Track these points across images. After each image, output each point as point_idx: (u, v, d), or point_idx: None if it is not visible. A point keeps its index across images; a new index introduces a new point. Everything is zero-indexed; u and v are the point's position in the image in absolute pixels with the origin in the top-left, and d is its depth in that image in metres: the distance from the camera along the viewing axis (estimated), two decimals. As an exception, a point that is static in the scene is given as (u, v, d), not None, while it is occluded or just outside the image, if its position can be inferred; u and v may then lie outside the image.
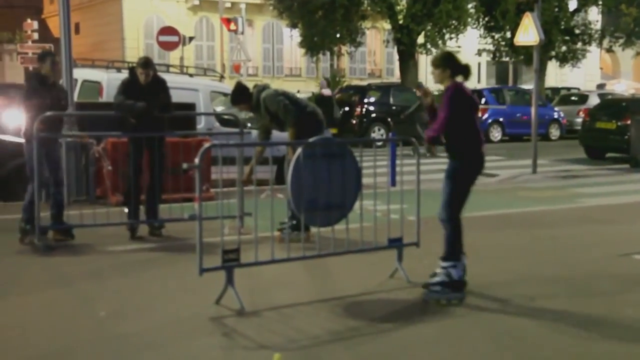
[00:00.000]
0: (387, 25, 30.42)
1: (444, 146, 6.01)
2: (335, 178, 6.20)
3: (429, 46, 28.30)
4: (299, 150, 6.13)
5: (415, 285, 6.33)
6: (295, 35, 31.99)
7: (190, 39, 27.44)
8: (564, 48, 31.69)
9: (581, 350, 4.91)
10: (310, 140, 6.36)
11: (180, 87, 11.42)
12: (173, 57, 26.49)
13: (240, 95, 8.12)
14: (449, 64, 5.94)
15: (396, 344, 5.02)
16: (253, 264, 6.01)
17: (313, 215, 6.12)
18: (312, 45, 29.13)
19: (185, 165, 6.06)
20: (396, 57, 31.21)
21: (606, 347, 4.95)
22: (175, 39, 23.78)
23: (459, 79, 5.99)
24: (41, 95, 7.84)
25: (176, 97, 8.92)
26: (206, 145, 6.15)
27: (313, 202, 6.07)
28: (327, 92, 23.01)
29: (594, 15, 34.34)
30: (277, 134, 13.29)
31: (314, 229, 6.31)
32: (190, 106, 11.14)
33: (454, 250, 5.98)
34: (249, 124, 12.23)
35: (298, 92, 29.56)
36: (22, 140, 7.98)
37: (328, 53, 31.28)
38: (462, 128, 5.89)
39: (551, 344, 5.05)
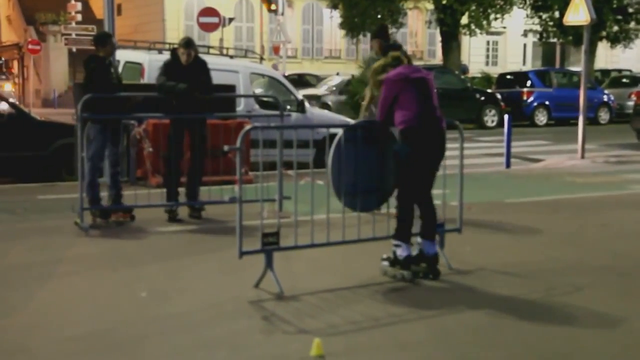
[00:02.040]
0: (430, 6, 30.04)
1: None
2: (375, 162, 6.09)
3: (473, 27, 27.87)
4: (341, 132, 6.02)
5: (457, 271, 6.20)
6: (336, 16, 31.77)
7: (230, 20, 27.39)
8: (615, 28, 30.88)
9: (629, 342, 4.74)
10: (353, 123, 6.26)
11: (220, 68, 11.35)
12: (213, 38, 26.50)
13: (383, 31, 8.60)
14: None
15: (437, 330, 4.90)
16: (292, 247, 5.95)
17: (353, 199, 6.02)
18: (353, 27, 28.90)
19: (226, 148, 5.99)
20: (438, 38, 30.85)
21: (657, 339, 4.78)
22: (215, 20, 23.73)
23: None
24: (104, 77, 7.93)
25: (216, 78, 8.86)
26: (247, 127, 6.07)
27: (353, 186, 5.96)
28: None
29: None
30: (318, 116, 13.21)
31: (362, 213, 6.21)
32: (231, 88, 11.08)
33: (400, 230, 5.94)
34: (288, 107, 12.15)
35: (337, 74, 29.42)
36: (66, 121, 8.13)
37: (369, 35, 31.00)
38: (399, 109, 5.85)
39: (597, 336, 4.88)
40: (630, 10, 30.76)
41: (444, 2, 27.05)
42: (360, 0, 27.42)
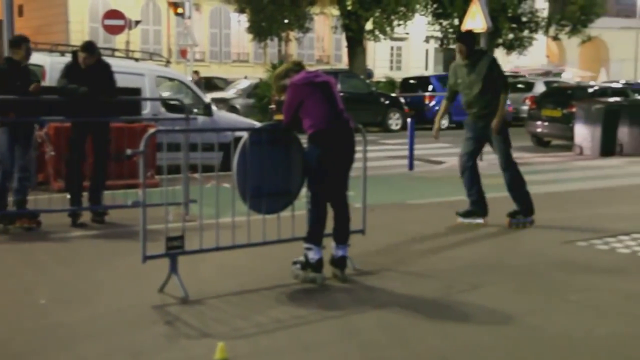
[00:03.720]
0: (336, 12, 30.40)
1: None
2: (281, 164, 6.16)
3: (377, 33, 28.35)
4: (246, 136, 6.06)
5: (361, 272, 6.33)
6: (243, 20, 31.76)
7: (137, 22, 27.01)
8: (510, 35, 32.06)
9: (522, 337, 4.95)
10: (258, 126, 6.31)
11: (125, 71, 11.21)
12: (119, 41, 26.06)
13: (471, 38, 8.51)
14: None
15: (341, 330, 5.00)
16: (198, 251, 5.95)
17: (258, 202, 6.07)
18: (260, 31, 28.97)
19: (129, 151, 5.96)
20: (344, 43, 31.22)
21: (551, 333, 5.00)
22: (120, 22, 23.35)
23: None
24: (14, 81, 7.79)
25: (121, 81, 8.75)
26: (151, 130, 6.05)
27: (258, 189, 6.01)
28: None
29: (541, 3, 34.80)
30: (225, 119, 13.18)
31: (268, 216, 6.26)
32: (136, 91, 10.95)
33: (311, 233, 6.05)
34: (194, 110, 12.11)
35: (245, 77, 29.43)
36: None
37: (276, 39, 31.14)
38: (307, 114, 5.97)
39: (492, 332, 5.08)
40: (524, 19, 31.95)
41: (349, 8, 27.42)
42: (267, 5, 27.51)
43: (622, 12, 58.30)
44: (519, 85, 29.64)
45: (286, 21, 28.53)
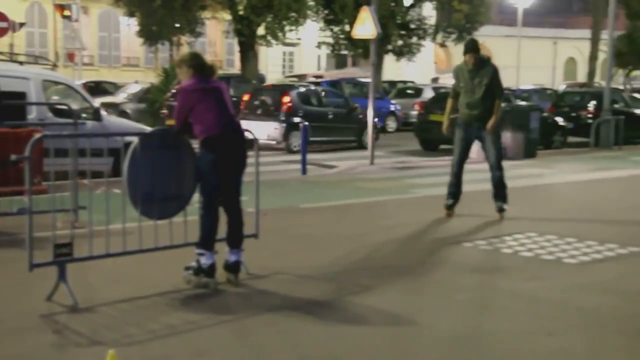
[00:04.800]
0: (228, 16, 30.30)
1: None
2: (173, 170, 6.12)
3: (269, 38, 28.43)
4: (136, 141, 5.98)
5: (254, 276, 6.36)
6: (133, 24, 31.25)
7: (21, 25, 26.14)
8: (400, 42, 32.75)
9: (413, 337, 5.10)
10: (148, 131, 6.24)
11: (9, 75, 10.85)
12: (2, 43, 25.15)
13: (474, 45, 9.13)
14: (194, 64, 6.09)
15: (234, 334, 5.02)
16: (87, 258, 5.85)
17: (150, 208, 6.01)
18: (151, 35, 28.59)
19: (13, 157, 5.79)
20: (237, 48, 31.16)
21: (438, 331, 5.16)
22: (4, 24, 22.55)
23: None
24: None
25: (5, 85, 8.47)
26: (37, 136, 5.90)
27: (150, 194, 5.95)
28: None
29: (429, 10, 35.70)
30: (116, 124, 12.93)
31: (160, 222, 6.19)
32: (20, 95, 10.59)
33: (204, 238, 6.07)
34: (83, 115, 11.83)
35: (136, 82, 28.94)
36: None
37: (167, 43, 30.77)
38: (199, 120, 5.98)
39: (383, 333, 5.21)
40: (412, 26, 32.73)
41: (240, 13, 27.39)
42: (158, 9, 27.15)
43: (505, 21, 60.55)
44: (409, 91, 30.37)
45: (177, 25, 28.24)
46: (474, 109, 9.23)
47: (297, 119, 16.92)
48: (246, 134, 6.27)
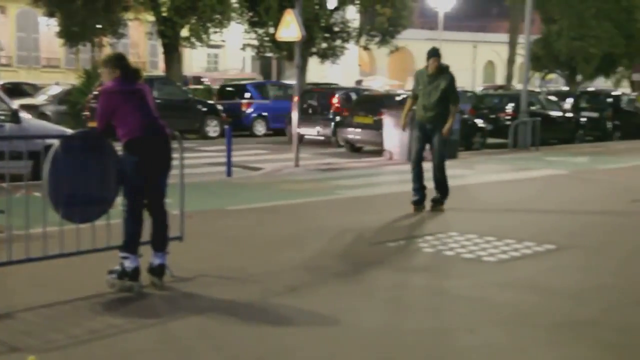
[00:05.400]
0: (151, 18, 29.94)
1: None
2: (95, 172, 6.04)
3: (193, 40, 28.21)
4: (57, 144, 5.88)
5: (179, 279, 6.32)
6: (53, 24, 30.58)
7: None
8: (324, 45, 32.91)
9: (339, 337, 5.16)
10: (70, 133, 6.15)
11: None
12: None
13: (437, 51, 9.91)
14: (119, 65, 6.04)
15: (158, 338, 4.99)
16: (6, 263, 5.73)
17: (72, 211, 5.92)
18: (71, 36, 28.02)
19: None
20: (160, 49, 30.83)
21: (363, 330, 5.23)
22: None
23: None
24: None
25: None
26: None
27: (72, 197, 5.86)
28: None
29: (352, 14, 35.98)
30: (35, 126, 12.66)
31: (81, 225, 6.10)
32: None
33: (128, 241, 6.04)
34: (1, 117, 11.54)
35: (57, 83, 28.34)
36: None
37: (89, 44, 30.23)
38: (121, 122, 5.96)
39: (309, 333, 5.25)
40: (336, 29, 32.96)
41: (164, 14, 27.09)
42: (79, 9, 26.63)
43: (427, 25, 61.54)
44: (333, 93, 30.48)
45: (99, 26, 27.76)
46: (428, 111, 9.92)
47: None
48: (168, 130, 6.22)
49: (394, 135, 16.95)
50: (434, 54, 9.95)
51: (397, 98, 20.48)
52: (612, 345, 5.01)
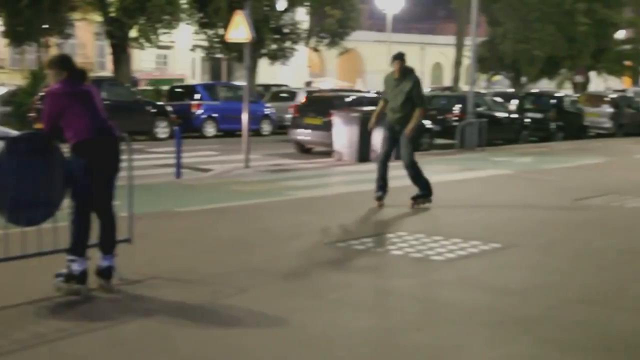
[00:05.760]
0: (99, 18, 29.59)
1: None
2: (41, 175, 5.97)
3: (142, 40, 27.97)
4: (1, 145, 5.81)
5: (128, 282, 6.29)
6: (-3, 24, 30.03)
7: None
8: (274, 46, 32.95)
9: (287, 338, 5.19)
10: (16, 134, 6.08)
11: None
12: None
13: (401, 55, 10.37)
14: (65, 66, 6.01)
15: (107, 341, 4.96)
16: (-50, 268, 5.63)
17: (17, 214, 5.85)
18: (17, 36, 27.54)
19: None
20: (108, 50, 30.49)
21: (312, 330, 5.28)
22: None
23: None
24: None
25: None
26: None
27: (16, 201, 5.79)
28: None
29: (302, 15, 36.07)
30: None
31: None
32: None
33: (75, 244, 6.02)
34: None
35: (2, 84, 27.82)
36: None
37: (35, 44, 29.73)
38: (69, 124, 5.93)
39: (259, 334, 5.28)
40: (286, 30, 33.02)
41: (112, 14, 26.81)
42: (24, 9, 26.18)
43: (375, 27, 61.92)
44: (283, 95, 30.59)
45: (45, 26, 27.32)
46: (395, 113, 10.39)
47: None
48: (116, 132, 6.19)
49: (344, 136, 17.05)
50: (397, 57, 10.36)
51: (347, 99, 20.64)
52: (555, 342, 5.13)
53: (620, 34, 47.35)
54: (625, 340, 5.21)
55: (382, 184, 10.60)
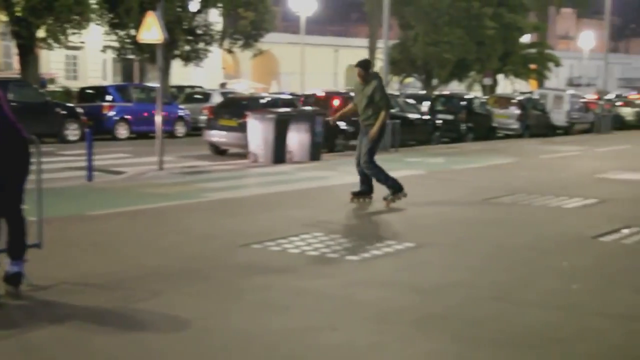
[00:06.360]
0: (4, 17, 28.71)
1: None
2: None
3: (50, 41, 27.29)
4: None
5: (38, 287, 6.14)
6: None
7: None
8: (187, 47, 32.66)
9: (202, 340, 5.17)
10: None
11: None
12: None
13: (367, 64, 10.88)
14: None
15: (16, 350, 4.83)
16: None
17: None
18: None
19: None
20: (14, 50, 29.64)
21: (228, 333, 5.26)
22: None
23: None
24: None
25: None
26: None
27: None
28: None
29: (215, 17, 35.86)
30: None
31: None
32: None
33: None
34: None
35: None
36: None
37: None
38: None
39: (171, 338, 5.24)
40: (199, 31, 32.80)
41: (18, 14, 26.04)
42: None
43: (289, 29, 62.17)
44: (197, 96, 30.36)
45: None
46: (361, 116, 11.01)
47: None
48: (25, 134, 6.03)
49: (259, 137, 17.03)
50: (358, 65, 10.91)
51: (262, 101, 20.63)
52: (468, 338, 5.26)
53: (526, 38, 48.92)
54: (532, 334, 5.38)
55: (362, 178, 11.14)
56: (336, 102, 21.36)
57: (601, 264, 7.62)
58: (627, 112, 41.02)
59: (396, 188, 10.96)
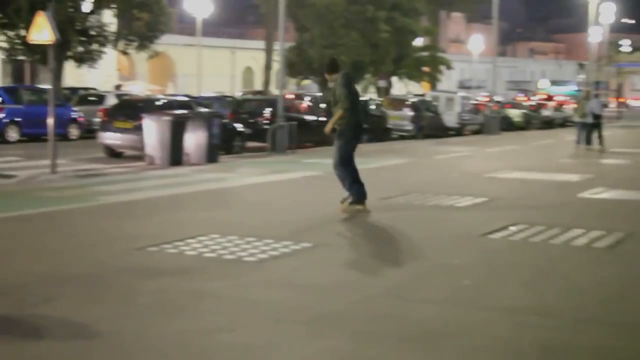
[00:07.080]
0: None
1: None
2: None
3: None
4: None
5: None
6: None
7: None
8: (80, 48, 31.92)
9: (103, 346, 5.12)
10: None
11: None
12: None
13: (330, 65, 10.71)
14: None
15: None
16: None
17: None
18: None
19: None
20: None
21: (122, 337, 5.22)
22: None
23: None
24: None
25: None
26: None
27: None
28: None
29: (109, 17, 35.15)
30: None
31: None
32: None
33: None
34: None
35: None
36: None
37: None
38: None
39: (67, 344, 5.16)
40: (93, 32, 32.11)
41: None
42: None
43: (185, 30, 61.56)
44: (91, 98, 29.75)
45: None
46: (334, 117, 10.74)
47: None
48: None
49: (155, 139, 16.85)
50: (324, 65, 10.96)
51: (158, 103, 20.40)
52: (363, 335, 5.38)
53: (419, 42, 50.07)
54: (425, 329, 5.55)
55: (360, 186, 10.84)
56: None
57: (490, 260, 7.91)
58: (515, 114, 42.58)
59: (357, 199, 10.56)
